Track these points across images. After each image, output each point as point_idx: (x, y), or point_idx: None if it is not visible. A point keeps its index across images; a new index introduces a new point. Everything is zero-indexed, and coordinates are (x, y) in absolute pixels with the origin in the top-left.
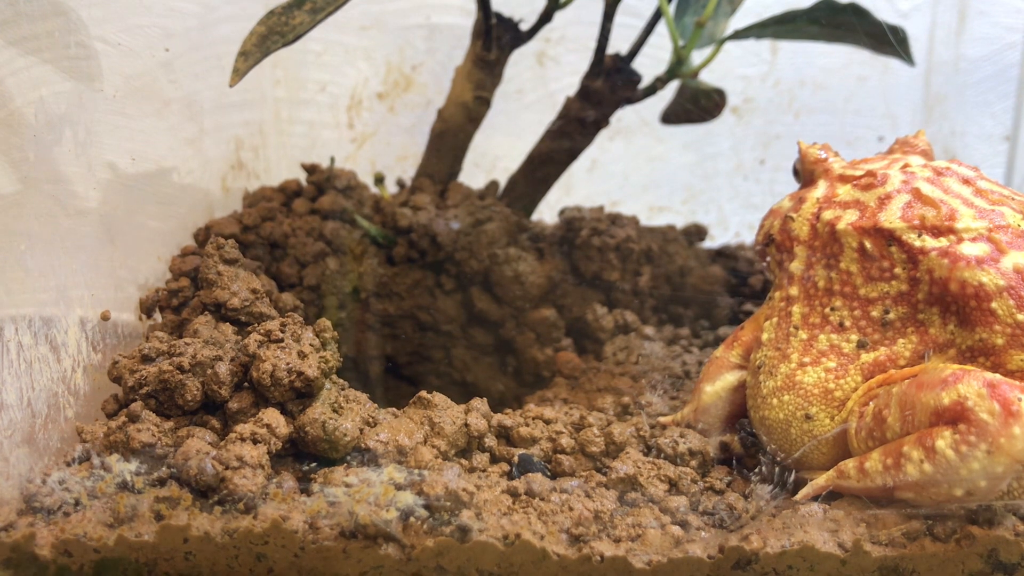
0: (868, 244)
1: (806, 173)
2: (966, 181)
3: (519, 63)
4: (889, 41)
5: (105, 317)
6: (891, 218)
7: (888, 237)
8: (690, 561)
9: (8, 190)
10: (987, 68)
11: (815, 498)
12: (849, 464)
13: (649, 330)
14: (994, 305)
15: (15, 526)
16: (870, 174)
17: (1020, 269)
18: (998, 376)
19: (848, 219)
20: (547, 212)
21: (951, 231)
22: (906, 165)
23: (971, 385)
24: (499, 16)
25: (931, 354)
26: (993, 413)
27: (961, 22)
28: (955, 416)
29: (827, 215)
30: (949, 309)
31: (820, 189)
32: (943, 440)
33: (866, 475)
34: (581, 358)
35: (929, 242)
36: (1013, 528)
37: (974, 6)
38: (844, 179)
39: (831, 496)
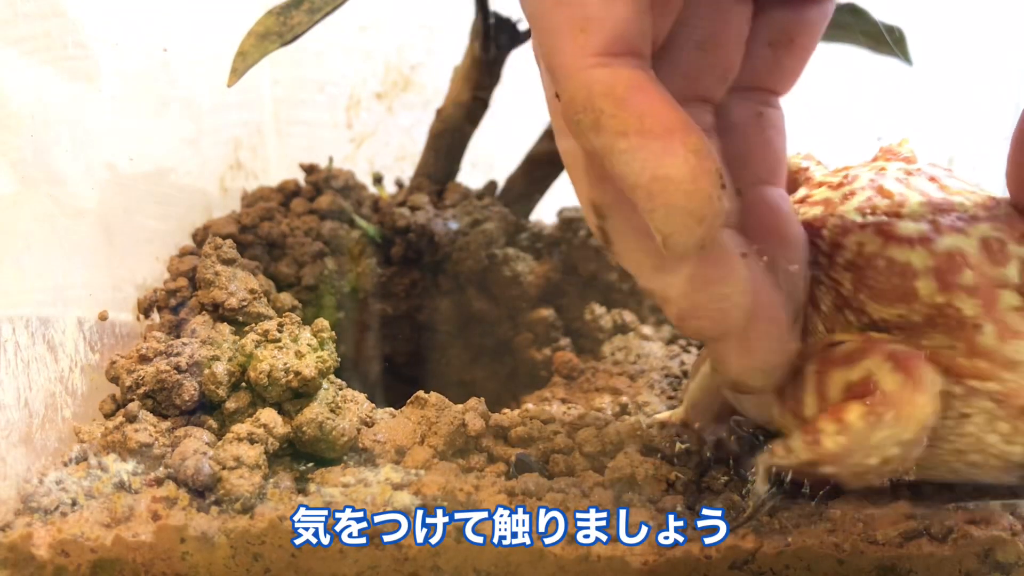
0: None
1: (790, 182)
2: (932, 179)
3: (518, 63)
4: (886, 41)
5: (103, 317)
6: (848, 209)
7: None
8: (687, 561)
9: (6, 190)
10: None
11: (812, 497)
12: (777, 444)
13: (647, 330)
14: (918, 284)
15: (12, 526)
16: (844, 175)
17: (952, 253)
18: (903, 347)
19: (812, 214)
20: (546, 212)
21: (897, 215)
22: (882, 168)
23: (876, 358)
24: (497, 16)
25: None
26: (898, 383)
27: None
28: (864, 389)
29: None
30: (864, 282)
31: (798, 194)
32: (853, 412)
33: (791, 452)
34: (579, 358)
35: (869, 220)
36: (1010, 528)
37: None
38: (822, 184)
39: (828, 495)
